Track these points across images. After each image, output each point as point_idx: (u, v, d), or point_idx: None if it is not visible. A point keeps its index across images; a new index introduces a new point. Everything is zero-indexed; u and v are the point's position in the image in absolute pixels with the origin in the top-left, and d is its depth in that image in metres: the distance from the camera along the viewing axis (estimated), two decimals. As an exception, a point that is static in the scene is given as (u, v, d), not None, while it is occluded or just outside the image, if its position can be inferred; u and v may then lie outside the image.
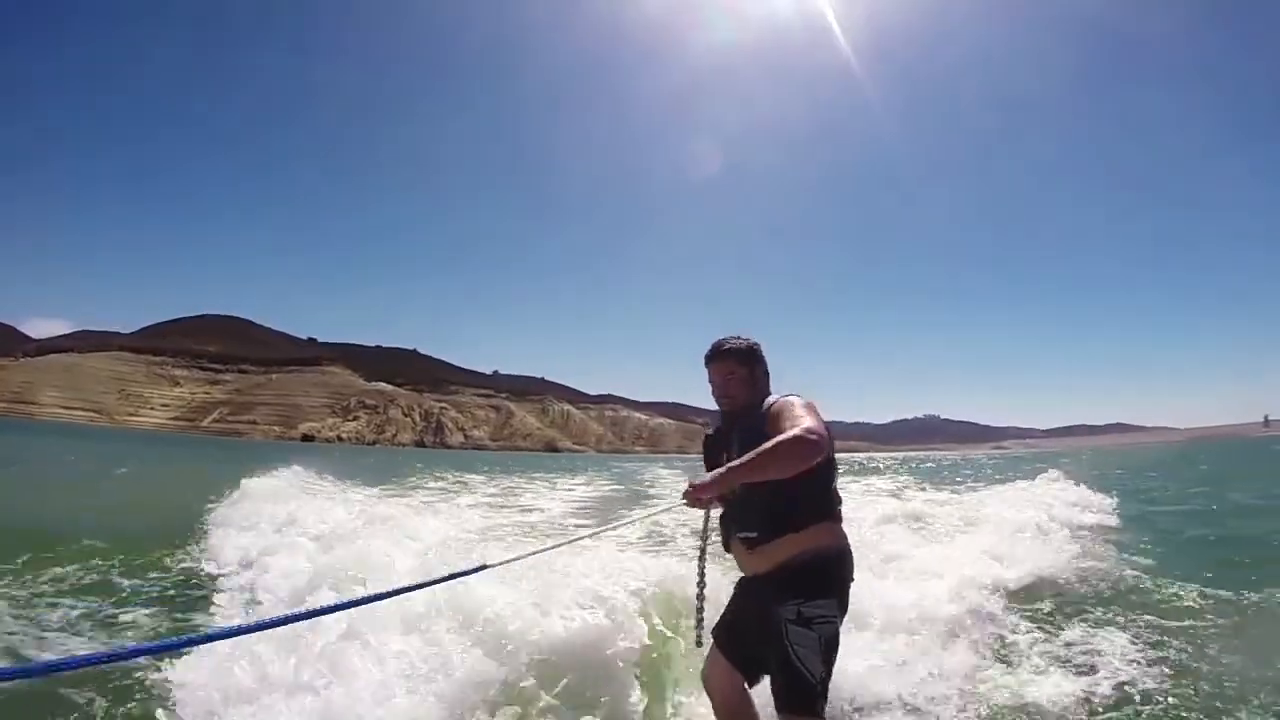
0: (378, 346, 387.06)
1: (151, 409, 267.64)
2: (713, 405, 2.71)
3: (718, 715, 2.70)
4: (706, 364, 2.73)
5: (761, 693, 2.55)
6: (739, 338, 2.74)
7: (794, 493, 2.39)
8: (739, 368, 2.67)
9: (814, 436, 2.29)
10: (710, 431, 2.83)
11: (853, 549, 2.61)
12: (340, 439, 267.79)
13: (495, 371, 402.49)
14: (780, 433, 2.33)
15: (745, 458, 2.29)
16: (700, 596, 2.65)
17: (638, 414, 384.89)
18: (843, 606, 2.48)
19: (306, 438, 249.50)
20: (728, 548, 2.71)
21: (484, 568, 1.45)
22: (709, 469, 2.62)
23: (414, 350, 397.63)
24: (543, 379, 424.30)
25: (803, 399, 2.53)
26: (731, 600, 2.76)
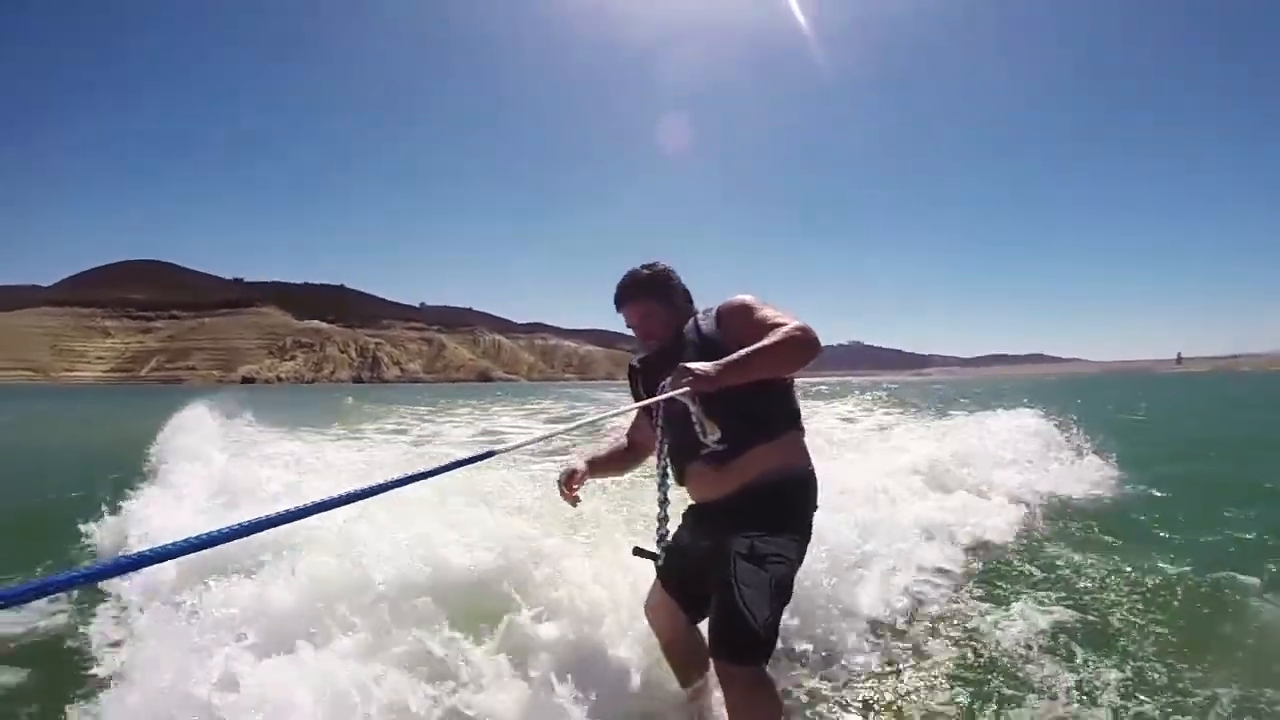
0: (306, 284, 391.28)
1: (88, 363, 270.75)
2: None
3: (665, 654, 2.44)
4: (618, 308, 2.35)
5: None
6: (645, 267, 2.33)
7: (767, 397, 2.15)
8: (654, 304, 2.29)
9: (814, 333, 2.04)
10: (635, 362, 2.43)
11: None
12: (279, 379, 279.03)
13: (423, 303, 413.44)
14: (754, 331, 2.07)
15: (751, 349, 1.99)
16: (663, 511, 2.24)
17: (567, 342, 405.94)
18: (802, 549, 2.14)
19: (247, 380, 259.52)
20: (681, 478, 2.32)
21: (491, 454, 1.35)
22: (637, 399, 2.32)
23: (342, 286, 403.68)
24: (471, 309, 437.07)
25: (752, 295, 2.21)
26: (679, 529, 2.36)
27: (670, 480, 2.27)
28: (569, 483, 2.32)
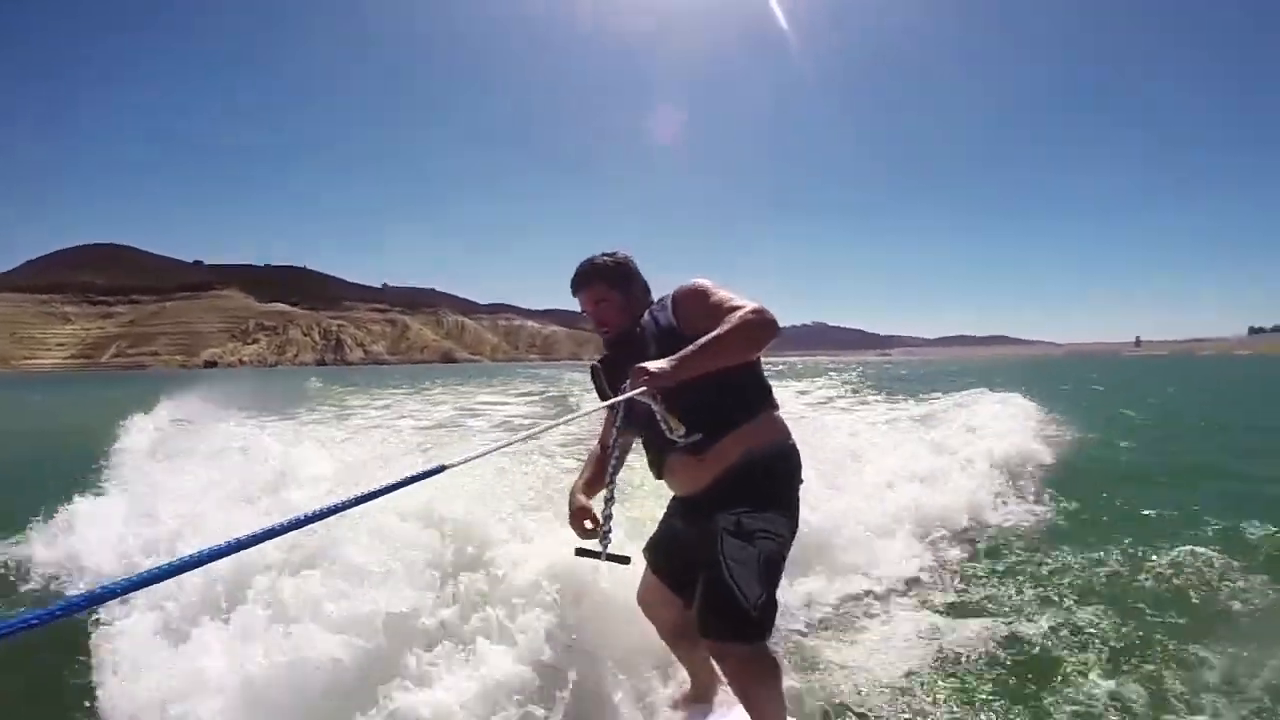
0: (267, 265, 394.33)
1: (48, 350, 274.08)
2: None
3: (667, 643, 2.44)
4: (574, 292, 2.32)
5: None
6: (605, 255, 2.30)
7: (736, 381, 2.10)
8: (610, 291, 2.26)
9: (770, 314, 2.00)
10: (596, 361, 2.38)
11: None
12: (242, 363, 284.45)
13: (385, 284, 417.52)
14: (710, 316, 2.02)
15: (707, 339, 1.94)
16: (608, 509, 2.18)
17: (530, 322, 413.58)
18: (793, 524, 2.12)
19: (210, 364, 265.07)
20: (660, 472, 2.28)
21: (442, 469, 1.26)
22: (603, 399, 2.25)
23: (304, 268, 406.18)
24: (434, 290, 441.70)
25: (706, 279, 2.18)
26: (665, 515, 2.38)
27: (619, 480, 2.23)
28: (583, 522, 2.24)
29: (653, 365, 1.92)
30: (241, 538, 0.90)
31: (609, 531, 2.21)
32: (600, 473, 2.38)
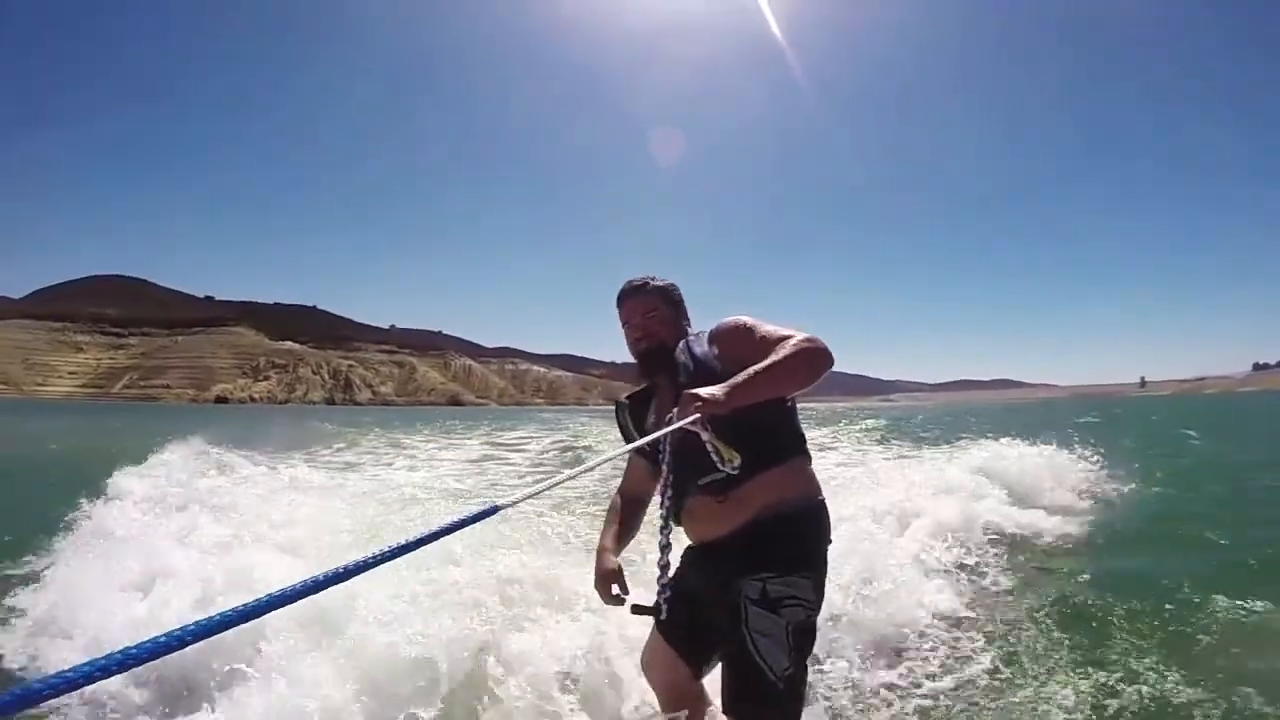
0: (277, 304, 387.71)
1: (59, 378, 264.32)
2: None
3: (663, 709, 2.23)
4: (621, 302, 2.25)
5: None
6: (657, 277, 2.29)
7: (769, 421, 2.00)
8: (663, 305, 2.23)
9: (824, 343, 1.93)
10: (624, 399, 2.33)
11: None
12: (253, 399, 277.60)
13: (392, 325, 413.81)
14: (758, 349, 1.93)
15: (762, 366, 1.85)
16: (664, 558, 2.02)
17: (536, 367, 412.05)
18: (820, 589, 1.96)
19: (220, 399, 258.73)
20: (679, 517, 2.12)
21: (496, 509, 1.20)
22: (628, 439, 2.22)
23: (314, 307, 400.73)
24: (441, 332, 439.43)
25: (749, 315, 2.11)
26: (677, 572, 2.14)
27: (671, 523, 2.07)
28: (610, 587, 2.14)
29: (704, 391, 1.81)
30: (281, 590, 0.85)
31: (667, 582, 2.03)
32: (626, 526, 2.28)
